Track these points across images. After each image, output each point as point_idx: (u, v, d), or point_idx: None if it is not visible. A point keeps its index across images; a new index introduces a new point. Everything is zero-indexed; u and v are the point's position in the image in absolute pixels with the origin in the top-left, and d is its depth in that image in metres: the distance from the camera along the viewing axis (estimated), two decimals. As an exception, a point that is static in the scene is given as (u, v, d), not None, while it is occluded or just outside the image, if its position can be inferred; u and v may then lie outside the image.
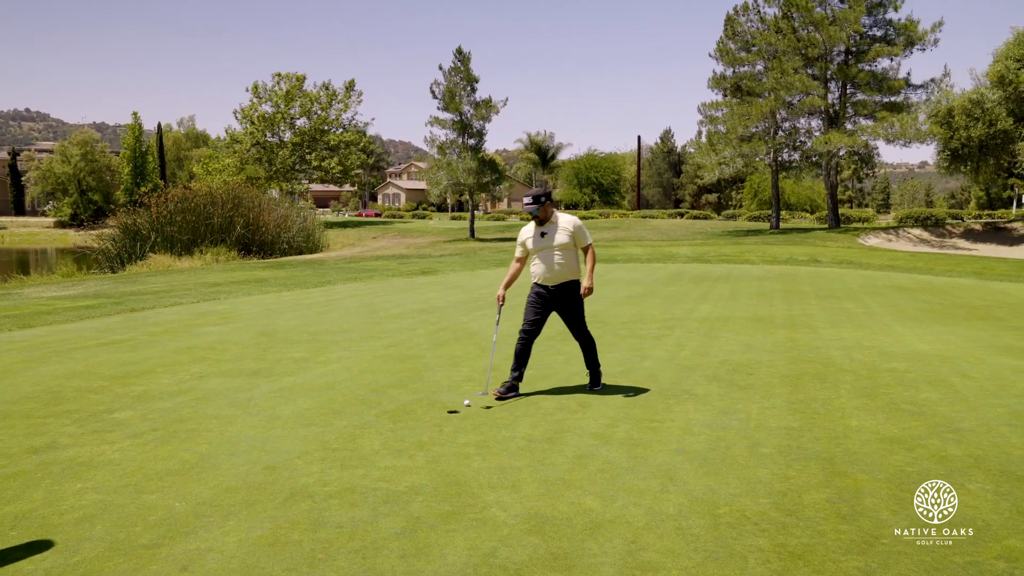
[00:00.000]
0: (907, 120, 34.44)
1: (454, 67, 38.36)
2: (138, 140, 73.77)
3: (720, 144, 39.77)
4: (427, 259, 25.54)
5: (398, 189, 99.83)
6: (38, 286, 17.35)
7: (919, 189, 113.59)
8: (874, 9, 36.56)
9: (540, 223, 5.95)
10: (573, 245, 5.93)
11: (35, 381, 6.52)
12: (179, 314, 11.02)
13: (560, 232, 5.87)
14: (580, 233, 5.92)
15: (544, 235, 5.91)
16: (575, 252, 5.97)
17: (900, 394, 5.97)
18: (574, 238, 5.90)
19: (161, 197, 28.53)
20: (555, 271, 5.86)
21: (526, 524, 3.53)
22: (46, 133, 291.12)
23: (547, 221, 5.95)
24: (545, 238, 5.89)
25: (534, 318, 5.97)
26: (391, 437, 4.87)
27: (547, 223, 5.94)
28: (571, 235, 5.88)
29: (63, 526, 3.55)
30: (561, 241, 5.84)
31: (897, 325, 9.61)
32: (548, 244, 5.87)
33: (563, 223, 5.91)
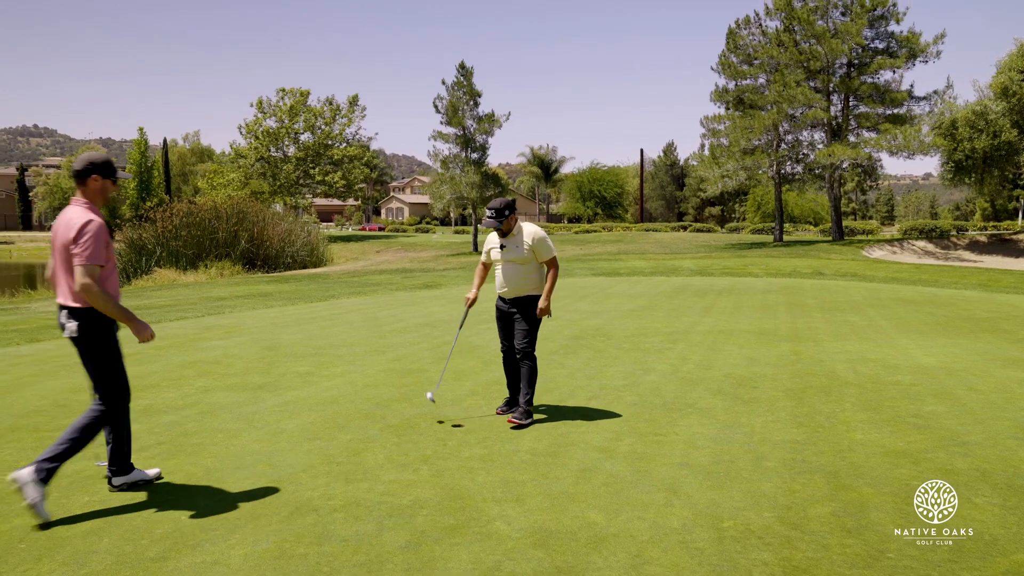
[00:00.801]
0: (910, 132, 34.52)
1: (457, 81, 38.58)
2: (144, 155, 74.23)
3: (723, 157, 39.87)
4: (430, 273, 25.59)
5: (401, 203, 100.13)
6: (45, 300, 17.42)
7: (923, 201, 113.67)
8: (876, 22, 36.77)
9: (503, 235, 5.70)
10: (535, 258, 5.66)
11: (42, 395, 6.55)
12: (184, 328, 11.06)
13: (521, 245, 5.62)
14: (542, 246, 5.62)
15: (504, 247, 5.68)
16: (537, 266, 5.70)
17: (905, 407, 5.97)
18: (535, 252, 5.62)
19: (167, 212, 28.70)
20: (513, 284, 5.65)
21: (530, 538, 3.54)
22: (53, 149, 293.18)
23: (509, 233, 5.69)
24: (505, 251, 5.67)
25: (503, 337, 5.88)
26: (395, 451, 4.88)
27: (509, 235, 5.68)
28: (531, 248, 5.61)
29: (71, 539, 3.56)
30: (521, 255, 5.60)
31: (902, 338, 9.60)
32: (508, 257, 5.65)
33: (526, 235, 5.64)
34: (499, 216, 5.55)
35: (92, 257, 3.83)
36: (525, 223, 5.79)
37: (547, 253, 5.65)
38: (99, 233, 3.88)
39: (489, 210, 5.58)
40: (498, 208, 5.58)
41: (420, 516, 3.80)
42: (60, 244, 3.93)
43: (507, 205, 5.66)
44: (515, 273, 5.64)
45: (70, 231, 3.88)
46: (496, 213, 5.54)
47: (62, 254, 3.94)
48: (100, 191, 4.09)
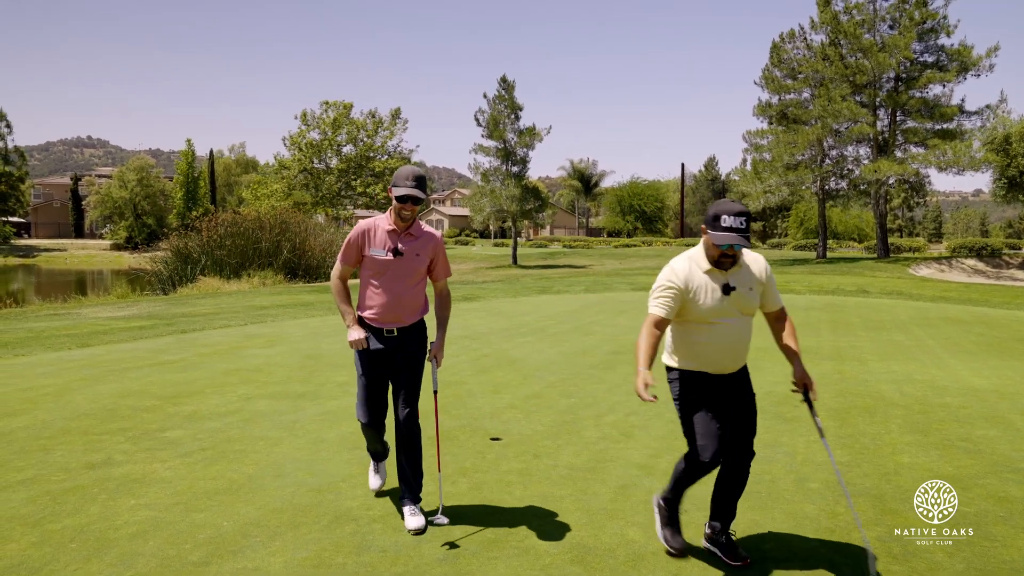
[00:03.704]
0: (960, 148, 33.68)
1: (499, 95, 38.83)
2: (191, 166, 76.07)
3: (765, 172, 39.39)
4: (470, 285, 25.71)
5: (441, 215, 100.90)
6: (95, 306, 17.93)
7: (973, 218, 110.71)
8: (925, 35, 36.01)
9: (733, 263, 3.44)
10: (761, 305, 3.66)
11: (92, 399, 6.73)
12: (227, 336, 11.27)
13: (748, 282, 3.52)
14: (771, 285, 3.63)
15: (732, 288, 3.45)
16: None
17: (954, 430, 5.80)
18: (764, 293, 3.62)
19: (212, 221, 29.35)
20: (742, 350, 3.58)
21: (568, 554, 3.52)
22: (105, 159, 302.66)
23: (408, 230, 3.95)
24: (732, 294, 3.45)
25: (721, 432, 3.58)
26: (433, 463, 4.90)
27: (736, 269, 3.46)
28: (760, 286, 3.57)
29: (118, 541, 3.65)
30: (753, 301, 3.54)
31: (950, 359, 9.34)
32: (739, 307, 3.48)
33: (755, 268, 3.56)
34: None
35: None
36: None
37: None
38: None
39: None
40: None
41: (458, 529, 3.81)
42: None
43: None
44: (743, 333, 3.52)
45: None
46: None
47: None
48: None
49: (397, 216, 3.89)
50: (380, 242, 3.90)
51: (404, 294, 3.93)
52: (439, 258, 4.08)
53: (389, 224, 3.92)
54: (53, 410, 6.28)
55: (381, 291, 3.91)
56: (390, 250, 3.89)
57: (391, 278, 3.90)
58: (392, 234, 3.91)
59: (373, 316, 3.94)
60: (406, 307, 3.95)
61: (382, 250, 3.88)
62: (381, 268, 3.90)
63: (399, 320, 3.95)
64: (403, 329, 3.97)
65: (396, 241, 3.90)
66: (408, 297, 3.94)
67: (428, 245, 3.99)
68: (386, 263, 3.88)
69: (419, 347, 4.06)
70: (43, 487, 4.39)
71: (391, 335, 3.95)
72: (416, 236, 3.96)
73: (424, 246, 3.97)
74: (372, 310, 3.94)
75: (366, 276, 3.97)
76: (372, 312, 3.94)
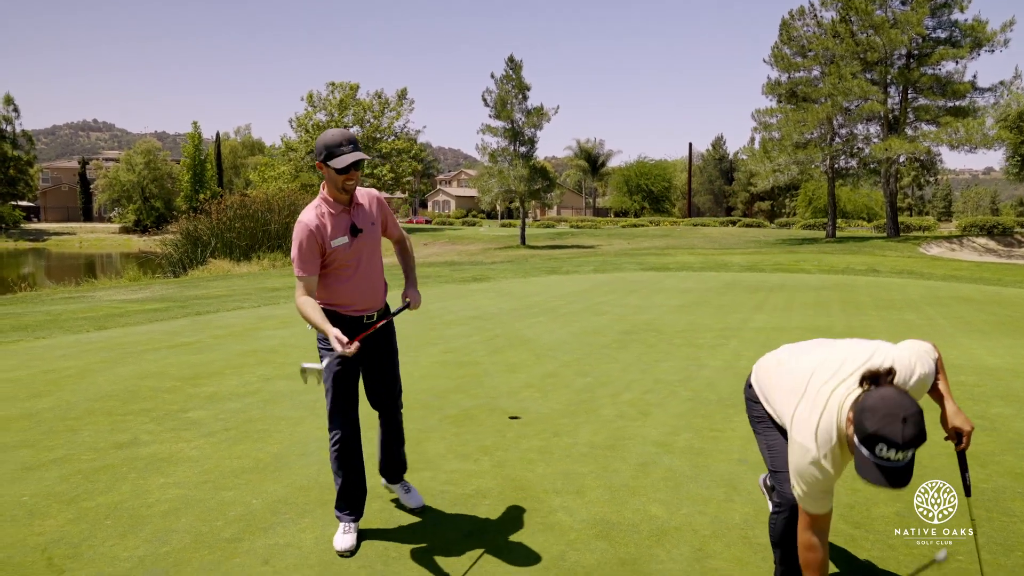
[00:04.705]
0: (973, 125, 33.39)
1: (506, 75, 38.66)
2: (197, 148, 76.08)
3: (775, 151, 39.19)
4: (479, 266, 25.74)
5: (448, 196, 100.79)
6: (109, 289, 18.07)
7: (984, 196, 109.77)
8: (938, 10, 35.58)
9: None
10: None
11: (113, 380, 6.83)
12: (241, 318, 11.36)
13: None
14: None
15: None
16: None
17: (969, 408, 5.83)
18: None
19: (220, 204, 29.45)
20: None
21: (593, 529, 3.58)
22: (112, 142, 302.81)
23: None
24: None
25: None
26: (455, 441, 4.97)
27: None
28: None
29: (151, 518, 3.73)
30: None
31: (963, 338, 9.35)
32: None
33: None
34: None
35: None
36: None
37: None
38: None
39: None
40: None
41: (483, 505, 3.88)
42: None
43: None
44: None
45: None
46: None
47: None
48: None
49: (339, 190, 3.42)
50: (334, 230, 3.43)
51: (373, 272, 3.60)
52: (388, 215, 3.71)
53: (331, 207, 3.45)
54: (77, 391, 6.38)
55: (352, 278, 3.52)
56: (348, 232, 3.47)
57: (359, 260, 3.52)
58: (342, 214, 3.47)
59: (349, 307, 3.54)
60: (378, 286, 3.64)
61: (343, 236, 3.45)
62: (346, 255, 3.47)
63: (377, 302, 3.63)
64: (380, 312, 3.65)
65: (348, 219, 3.48)
66: (377, 274, 3.64)
67: (374, 207, 3.62)
68: (352, 248, 3.48)
69: (392, 328, 3.77)
70: (74, 466, 4.48)
71: (371, 320, 3.60)
72: (362, 203, 3.56)
73: (372, 211, 3.60)
74: (346, 299, 3.53)
75: (329, 269, 3.49)
76: (346, 302, 3.54)
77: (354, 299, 3.54)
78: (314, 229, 3.38)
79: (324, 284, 3.50)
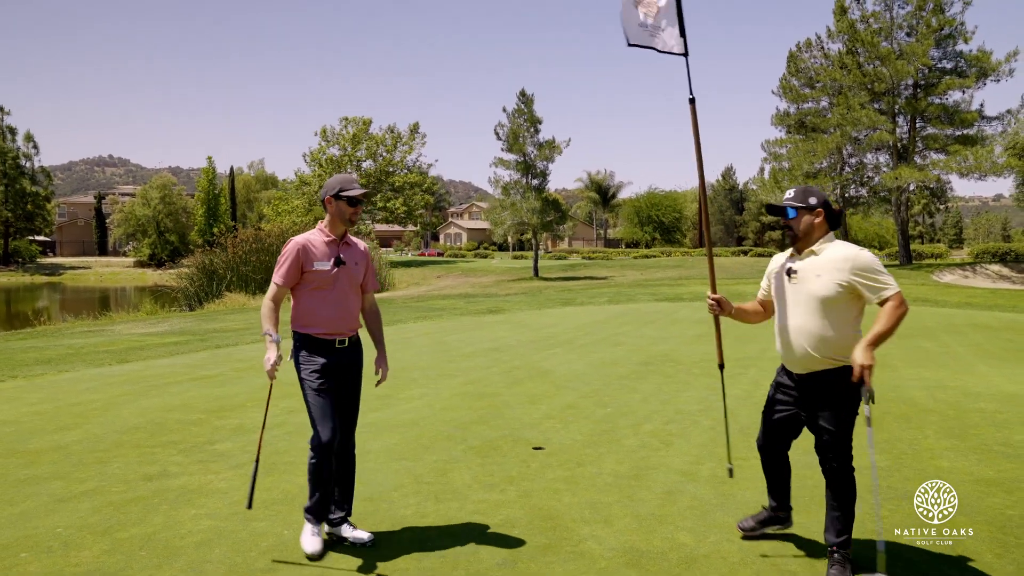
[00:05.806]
0: (982, 153, 33.53)
1: (518, 108, 39.14)
2: (211, 183, 77.11)
3: (785, 181, 39.37)
4: (493, 298, 25.83)
5: (459, 228, 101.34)
6: (127, 323, 18.25)
7: (995, 223, 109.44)
8: (943, 41, 35.93)
9: (793, 240, 3.54)
10: (846, 295, 3.52)
11: (139, 413, 6.92)
12: (260, 351, 11.46)
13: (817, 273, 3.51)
14: (867, 273, 3.46)
15: (793, 272, 3.56)
16: (850, 309, 3.59)
17: (992, 435, 5.83)
18: (852, 283, 3.47)
19: (236, 238, 29.78)
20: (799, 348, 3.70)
21: (623, 557, 3.61)
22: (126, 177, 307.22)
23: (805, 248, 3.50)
24: (793, 278, 3.58)
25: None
26: (480, 471, 5.02)
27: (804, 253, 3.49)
28: (847, 278, 3.46)
29: (184, 549, 3.79)
30: (819, 289, 3.51)
31: (981, 365, 9.33)
32: (799, 291, 3.61)
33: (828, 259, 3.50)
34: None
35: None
36: (838, 242, 3.61)
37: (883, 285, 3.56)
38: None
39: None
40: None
41: (512, 535, 3.92)
42: None
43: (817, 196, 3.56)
44: (804, 324, 3.68)
45: None
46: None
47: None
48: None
49: (344, 222, 3.92)
50: (321, 255, 3.87)
51: (350, 302, 3.96)
52: (371, 269, 4.15)
53: (326, 235, 3.94)
54: (104, 424, 6.46)
55: (329, 303, 3.87)
56: (332, 260, 3.88)
57: (338, 288, 3.89)
58: (331, 244, 3.92)
59: (323, 330, 3.87)
60: (352, 315, 3.98)
61: (326, 262, 3.86)
62: (326, 280, 3.86)
63: (351, 329, 3.96)
64: (351, 340, 3.99)
65: (336, 251, 3.92)
66: (353, 305, 3.99)
67: (360, 254, 4.05)
68: (332, 275, 3.86)
69: (360, 363, 4.10)
70: (106, 498, 4.55)
71: (343, 346, 3.94)
72: (351, 245, 4.02)
73: (358, 255, 4.04)
74: (321, 323, 3.87)
75: (307, 291, 3.89)
76: (321, 326, 3.87)
77: (328, 323, 3.88)
78: (302, 248, 3.87)
79: (302, 307, 3.91)
